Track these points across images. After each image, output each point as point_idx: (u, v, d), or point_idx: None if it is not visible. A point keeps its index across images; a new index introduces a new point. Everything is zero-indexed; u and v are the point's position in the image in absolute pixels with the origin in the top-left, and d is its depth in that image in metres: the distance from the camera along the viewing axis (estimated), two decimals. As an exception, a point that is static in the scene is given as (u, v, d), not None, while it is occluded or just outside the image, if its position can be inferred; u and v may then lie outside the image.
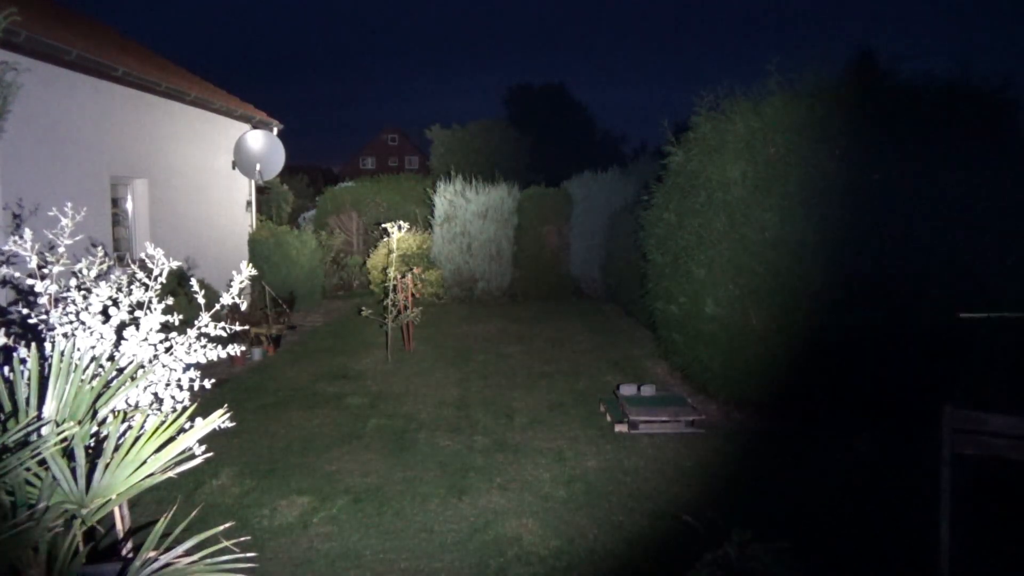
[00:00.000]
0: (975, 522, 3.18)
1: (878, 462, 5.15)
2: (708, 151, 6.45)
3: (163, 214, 9.22)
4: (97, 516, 2.57)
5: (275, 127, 12.20)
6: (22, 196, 6.41)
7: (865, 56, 6.46)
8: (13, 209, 6.31)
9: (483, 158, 18.08)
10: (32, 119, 6.56)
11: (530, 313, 12.11)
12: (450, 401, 6.80)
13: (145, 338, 3.26)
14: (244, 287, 3.61)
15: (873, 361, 5.60)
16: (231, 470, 5.00)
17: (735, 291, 6.14)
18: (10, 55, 6.06)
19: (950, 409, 2.90)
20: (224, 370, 7.78)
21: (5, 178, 6.29)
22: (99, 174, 7.92)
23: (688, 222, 6.61)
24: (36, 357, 2.74)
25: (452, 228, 13.20)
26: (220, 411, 2.97)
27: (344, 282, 15.34)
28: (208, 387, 3.46)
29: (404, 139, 62.54)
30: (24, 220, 6.27)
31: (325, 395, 7.00)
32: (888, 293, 5.59)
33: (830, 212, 5.73)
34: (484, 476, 4.93)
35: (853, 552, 3.86)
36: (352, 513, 4.34)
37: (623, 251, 10.68)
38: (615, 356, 8.73)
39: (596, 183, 13.28)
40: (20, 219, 6.27)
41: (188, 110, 9.88)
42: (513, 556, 3.81)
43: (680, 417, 5.86)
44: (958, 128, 5.65)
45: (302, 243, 12.00)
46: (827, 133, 5.82)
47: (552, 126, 29.32)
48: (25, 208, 6.39)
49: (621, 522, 4.21)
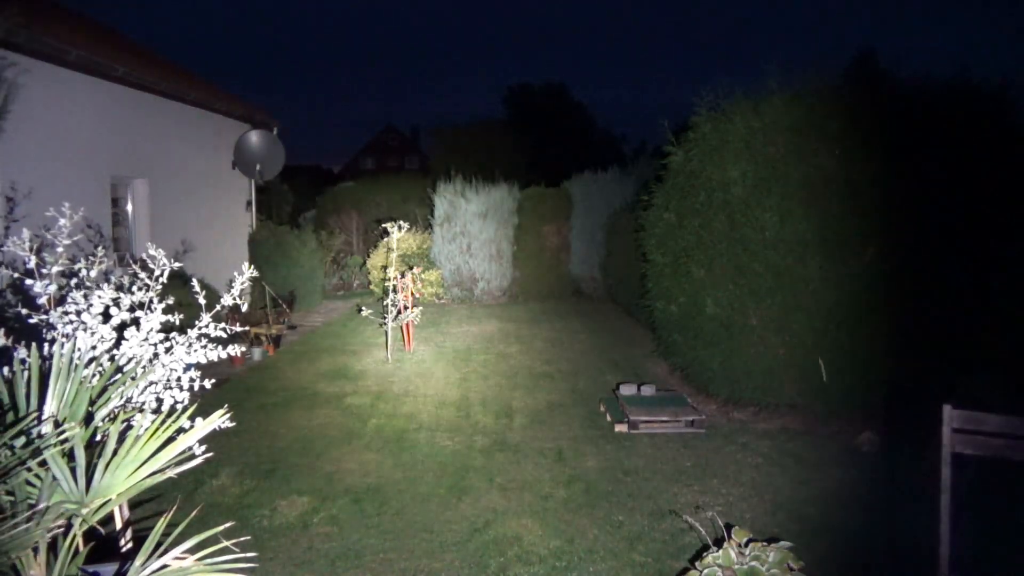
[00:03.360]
0: (975, 522, 3.18)
1: (878, 462, 5.15)
2: (708, 151, 6.44)
3: (163, 214, 9.22)
4: (97, 516, 2.57)
5: (275, 127, 12.20)
6: (22, 196, 6.41)
7: (865, 56, 6.47)
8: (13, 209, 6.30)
9: (483, 158, 18.06)
10: (32, 119, 6.56)
11: (530, 313, 12.11)
12: (450, 401, 6.80)
13: (146, 338, 3.26)
14: (245, 287, 3.61)
15: (873, 360, 5.60)
16: (231, 470, 5.00)
17: (735, 291, 6.14)
18: (10, 55, 6.06)
19: (950, 409, 2.90)
20: (224, 370, 7.78)
21: (5, 178, 6.29)
22: (99, 174, 7.92)
23: (688, 222, 6.61)
24: (36, 357, 2.74)
25: (452, 228, 13.20)
26: (220, 411, 2.97)
27: (344, 282, 15.35)
28: (208, 387, 3.46)
29: (404, 139, 62.51)
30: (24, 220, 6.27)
31: (325, 395, 7.00)
32: (888, 292, 5.60)
33: (830, 212, 5.73)
34: (484, 476, 4.93)
35: (853, 552, 3.86)
36: (352, 513, 4.34)
37: (623, 251, 10.68)
38: (615, 356, 8.73)
39: (596, 183, 13.27)
40: (17, 216, 6.27)
41: (188, 110, 9.88)
42: (513, 556, 3.81)
43: (680, 417, 5.86)
44: (958, 128, 5.65)
45: (302, 243, 12.00)
46: (827, 133, 5.82)
47: (552, 126, 29.34)
48: (26, 208, 6.38)
49: (621, 522, 4.21)
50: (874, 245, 5.64)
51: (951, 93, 5.86)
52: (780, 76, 6.21)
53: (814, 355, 5.78)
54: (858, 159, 5.71)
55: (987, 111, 5.77)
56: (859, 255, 5.67)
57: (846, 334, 5.67)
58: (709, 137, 6.47)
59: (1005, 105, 5.78)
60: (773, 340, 5.98)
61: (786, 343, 5.93)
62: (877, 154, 5.68)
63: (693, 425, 5.84)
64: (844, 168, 5.74)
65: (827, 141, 5.81)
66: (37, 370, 2.72)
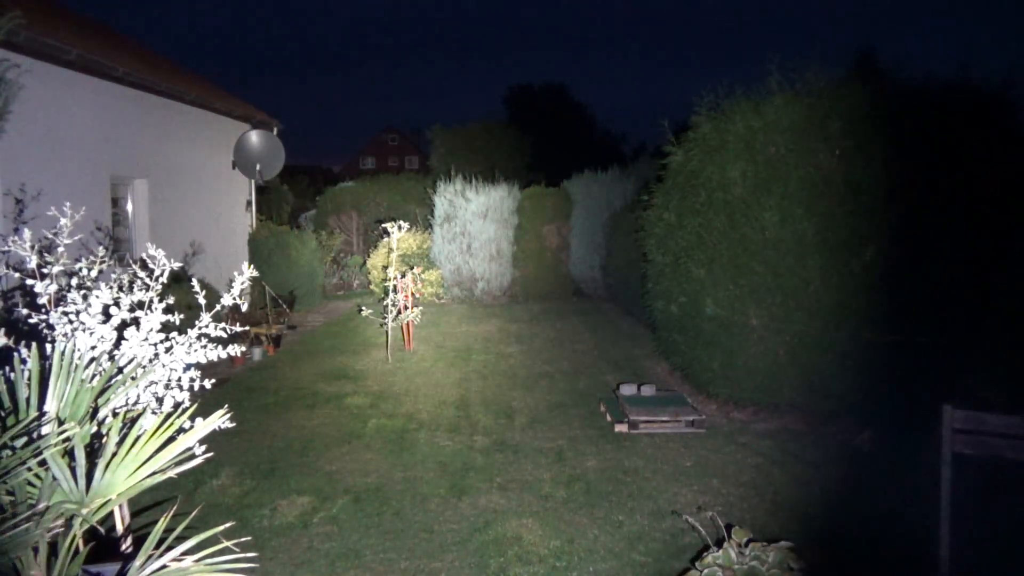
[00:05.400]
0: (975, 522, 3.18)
1: (878, 462, 5.15)
2: (708, 151, 6.44)
3: (163, 214, 9.22)
4: (97, 516, 2.57)
5: (275, 127, 12.20)
6: (23, 196, 6.41)
7: (865, 55, 6.47)
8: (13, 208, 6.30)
9: (483, 158, 18.07)
10: (32, 119, 6.56)
11: (530, 313, 12.11)
12: (450, 401, 6.80)
13: (146, 338, 3.25)
14: (245, 288, 3.61)
15: (873, 360, 5.60)
16: (231, 470, 5.00)
17: (735, 291, 6.15)
18: (10, 55, 6.06)
19: (950, 409, 2.90)
20: (224, 370, 7.78)
21: (5, 178, 6.29)
22: (99, 174, 7.92)
23: (688, 222, 6.61)
24: (37, 357, 2.74)
25: (452, 228, 13.20)
26: (221, 411, 2.97)
27: (344, 282, 15.35)
28: (208, 387, 3.45)
29: (404, 139, 62.50)
30: (24, 219, 6.27)
31: (325, 395, 7.00)
32: (888, 293, 5.59)
33: (830, 212, 5.73)
34: (484, 476, 4.93)
35: (853, 552, 3.86)
36: (352, 513, 4.34)
37: (623, 251, 10.68)
38: (615, 356, 8.73)
39: (596, 183, 13.27)
40: (21, 215, 6.27)
41: (188, 110, 9.88)
42: (513, 556, 3.81)
43: (680, 417, 5.86)
44: (958, 128, 5.65)
45: (302, 243, 12.00)
46: (827, 133, 5.82)
47: (552, 126, 29.33)
48: (25, 207, 6.38)
49: (621, 522, 4.21)
50: (874, 245, 5.64)
51: (951, 93, 5.85)
52: (780, 75, 6.21)
53: (814, 355, 5.78)
54: (858, 159, 5.71)
55: (987, 111, 5.76)
56: (859, 255, 5.67)
57: (846, 334, 5.67)
58: (709, 137, 6.47)
59: (1006, 105, 5.77)
60: (773, 340, 5.98)
61: (786, 343, 5.93)
62: (877, 154, 5.68)
63: (693, 425, 5.84)
64: (844, 168, 5.74)
65: (827, 141, 5.81)
66: (37, 370, 2.72)
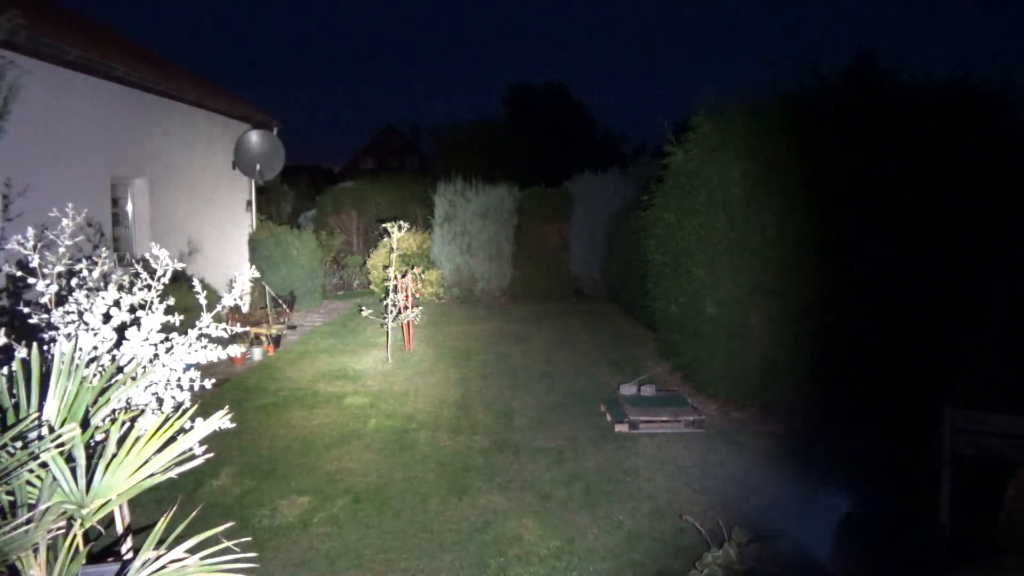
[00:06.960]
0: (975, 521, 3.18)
1: (878, 461, 5.15)
2: (708, 151, 6.45)
3: (163, 214, 9.22)
4: (97, 516, 2.57)
5: (275, 127, 12.20)
6: (22, 196, 6.41)
7: (865, 55, 6.47)
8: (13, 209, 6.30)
9: (483, 158, 18.05)
10: (32, 119, 6.56)
11: (530, 313, 12.11)
12: (450, 401, 6.80)
13: (146, 338, 3.26)
14: (246, 288, 3.61)
15: (873, 360, 5.60)
16: (231, 470, 5.01)
17: (735, 291, 6.15)
18: (10, 55, 6.06)
19: (950, 409, 2.90)
20: (224, 370, 7.78)
21: (5, 178, 6.28)
22: (99, 174, 7.92)
23: (688, 222, 6.61)
24: (38, 357, 2.74)
25: (452, 228, 13.20)
26: (221, 412, 2.97)
27: (344, 282, 15.34)
28: (208, 387, 3.46)
29: (404, 139, 62.48)
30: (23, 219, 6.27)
31: (325, 395, 7.00)
32: (888, 293, 5.60)
33: (830, 212, 5.73)
34: (484, 476, 4.93)
35: (853, 551, 3.86)
36: (352, 513, 4.35)
37: (623, 251, 10.68)
38: (615, 356, 8.73)
39: (596, 183, 13.28)
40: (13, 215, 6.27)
41: (188, 110, 9.88)
42: (513, 556, 3.81)
43: (680, 417, 5.86)
44: (958, 128, 5.66)
45: (302, 243, 11.99)
46: (827, 133, 5.82)
47: (552, 126, 29.33)
48: (23, 207, 6.38)
49: (621, 522, 4.21)
50: (874, 245, 5.64)
51: (951, 93, 5.86)
52: (780, 75, 6.22)
53: (814, 355, 5.78)
54: (858, 159, 5.71)
55: (987, 111, 5.77)
56: (859, 255, 5.67)
57: (846, 334, 5.68)
58: (709, 137, 6.48)
59: (1005, 105, 5.78)
60: (773, 340, 5.98)
61: (786, 343, 5.93)
62: (877, 154, 5.68)
63: (693, 425, 5.85)
64: (844, 168, 5.74)
65: (827, 141, 5.81)
66: (38, 370, 2.72)
